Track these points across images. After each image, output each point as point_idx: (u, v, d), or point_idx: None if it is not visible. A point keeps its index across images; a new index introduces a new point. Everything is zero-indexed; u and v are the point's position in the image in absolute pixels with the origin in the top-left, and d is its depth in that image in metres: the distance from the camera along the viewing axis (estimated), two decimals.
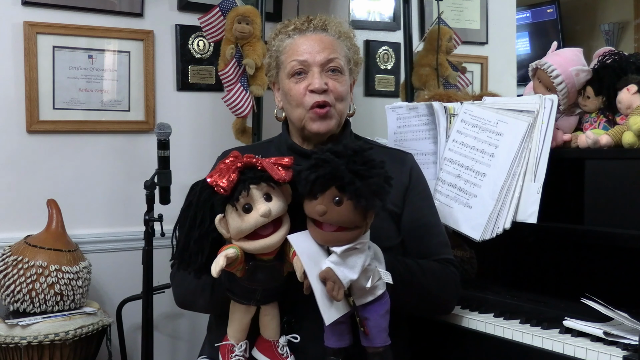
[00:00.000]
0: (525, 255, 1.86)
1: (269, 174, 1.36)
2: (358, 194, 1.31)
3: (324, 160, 1.34)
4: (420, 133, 2.06)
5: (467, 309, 1.79)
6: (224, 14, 2.49)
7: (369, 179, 1.33)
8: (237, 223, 1.34)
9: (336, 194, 1.33)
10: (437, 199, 1.92)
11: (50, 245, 2.26)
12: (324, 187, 1.33)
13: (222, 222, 1.35)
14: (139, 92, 2.66)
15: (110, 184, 2.62)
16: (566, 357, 1.48)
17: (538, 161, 1.75)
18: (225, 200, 1.34)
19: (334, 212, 1.33)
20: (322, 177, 1.33)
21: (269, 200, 1.36)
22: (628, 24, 4.82)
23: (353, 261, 1.36)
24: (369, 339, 1.41)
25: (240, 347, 1.47)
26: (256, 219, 1.33)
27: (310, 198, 1.36)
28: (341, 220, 1.34)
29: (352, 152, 1.35)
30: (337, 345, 1.42)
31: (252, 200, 1.34)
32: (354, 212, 1.33)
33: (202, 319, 1.94)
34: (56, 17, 2.51)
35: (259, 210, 1.33)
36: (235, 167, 1.35)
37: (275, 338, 1.49)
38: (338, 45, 1.69)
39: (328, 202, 1.33)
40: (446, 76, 2.87)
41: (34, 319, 2.16)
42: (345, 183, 1.31)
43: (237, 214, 1.33)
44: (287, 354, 1.48)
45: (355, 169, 1.33)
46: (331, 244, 1.37)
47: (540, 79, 1.89)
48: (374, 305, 1.40)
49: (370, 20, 3.27)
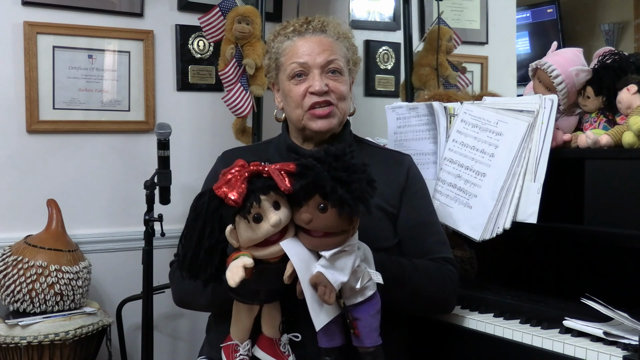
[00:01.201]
0: (525, 255, 1.86)
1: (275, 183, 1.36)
2: (341, 202, 1.31)
3: (307, 168, 1.35)
4: (420, 133, 2.06)
5: (467, 309, 1.79)
6: (224, 14, 2.49)
7: (351, 184, 1.33)
8: (249, 234, 1.35)
9: (320, 202, 1.33)
10: (437, 199, 1.92)
11: (50, 245, 2.26)
12: (308, 195, 1.34)
13: (232, 234, 1.35)
14: (139, 92, 2.66)
15: (110, 184, 2.62)
16: (566, 357, 1.48)
17: (538, 161, 1.75)
18: (236, 212, 1.34)
19: (320, 219, 1.34)
20: (306, 186, 1.34)
21: (277, 208, 1.36)
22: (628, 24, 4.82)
23: (342, 263, 1.37)
24: (360, 340, 1.42)
25: (244, 347, 1.48)
26: (267, 229, 1.34)
27: (297, 206, 1.37)
28: (327, 226, 1.35)
29: (332, 158, 1.35)
30: (329, 345, 1.43)
31: (262, 211, 1.34)
32: (339, 218, 1.34)
33: (202, 319, 1.94)
34: (56, 17, 2.51)
35: (270, 220, 1.34)
36: (244, 178, 1.34)
37: (277, 336, 1.49)
38: (337, 46, 1.70)
39: (313, 209, 1.34)
40: (446, 76, 2.87)
41: (34, 319, 2.16)
42: (328, 192, 1.32)
43: (248, 224, 1.34)
44: (289, 352, 1.49)
45: (337, 175, 1.33)
46: (319, 249, 1.38)
47: (540, 79, 1.89)
48: (365, 305, 1.41)
49: (370, 20, 3.27)
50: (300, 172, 1.36)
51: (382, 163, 1.72)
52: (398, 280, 1.54)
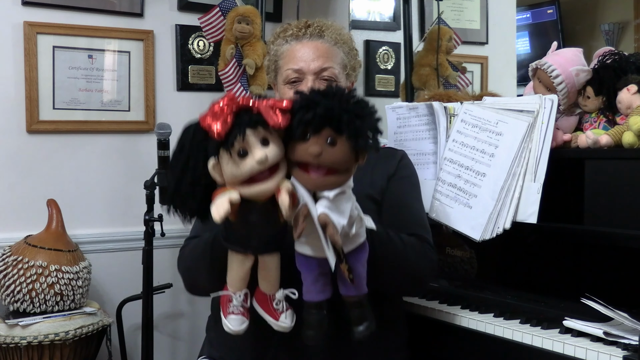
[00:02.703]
0: (525, 255, 1.86)
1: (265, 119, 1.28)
2: (357, 133, 1.26)
3: (314, 101, 1.29)
4: (420, 133, 2.06)
5: (467, 309, 1.79)
6: (224, 14, 2.50)
7: (365, 117, 1.28)
8: (232, 169, 1.27)
9: (330, 134, 1.27)
10: (437, 199, 1.92)
11: (50, 245, 2.26)
12: (319, 127, 1.27)
13: (215, 168, 1.28)
14: (139, 92, 2.66)
15: (110, 184, 2.62)
16: (566, 357, 1.48)
17: (538, 161, 1.75)
18: (219, 145, 1.26)
19: (329, 153, 1.27)
20: (318, 117, 1.26)
21: (265, 145, 1.27)
22: (628, 24, 4.82)
23: (343, 206, 1.30)
24: (350, 288, 1.35)
25: (238, 297, 1.40)
26: (252, 166, 1.26)
27: (300, 141, 1.29)
28: (335, 161, 1.28)
29: (341, 92, 1.31)
30: (319, 298, 1.36)
31: (248, 146, 1.26)
32: (348, 153, 1.28)
33: (202, 319, 1.94)
34: (56, 17, 2.51)
35: (255, 156, 1.25)
36: (231, 111, 1.26)
37: (272, 292, 1.41)
38: (333, 53, 1.72)
39: (322, 143, 1.27)
40: (446, 76, 2.87)
41: (34, 319, 2.16)
42: (344, 122, 1.26)
43: (232, 159, 1.26)
44: (283, 309, 1.41)
45: (349, 108, 1.28)
46: (321, 189, 1.29)
47: (540, 79, 1.89)
48: (356, 253, 1.35)
49: (370, 20, 3.27)
50: (307, 105, 1.29)
51: (376, 159, 1.72)
52: (383, 240, 1.49)
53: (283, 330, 1.40)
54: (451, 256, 2.00)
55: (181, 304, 2.72)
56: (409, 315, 1.82)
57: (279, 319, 1.40)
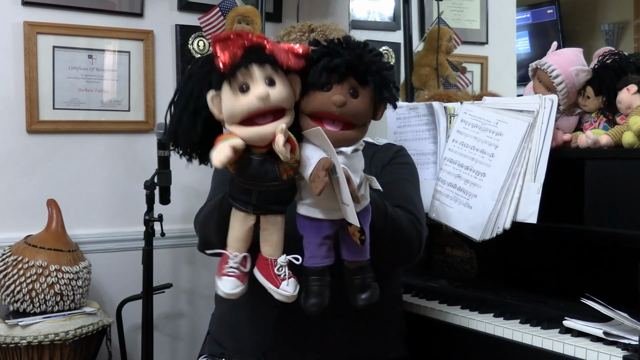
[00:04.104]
0: (525, 255, 1.86)
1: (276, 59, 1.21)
2: (382, 84, 1.23)
3: (336, 51, 1.24)
4: (420, 133, 2.06)
5: (467, 309, 1.79)
6: (224, 14, 2.49)
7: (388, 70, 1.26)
8: (230, 103, 1.21)
9: (354, 85, 1.23)
10: (437, 199, 1.92)
11: (50, 245, 2.26)
12: (343, 76, 1.23)
13: (214, 100, 1.23)
14: (139, 92, 2.66)
15: (110, 184, 2.62)
16: (566, 357, 1.48)
17: (538, 161, 1.75)
18: (223, 77, 1.21)
19: (352, 104, 1.23)
20: (344, 65, 1.22)
21: (271, 85, 1.21)
22: (628, 24, 4.82)
23: (357, 164, 1.27)
24: (356, 253, 1.32)
25: (234, 259, 1.31)
26: (250, 101, 1.19)
27: (321, 89, 1.24)
28: (357, 113, 1.24)
29: (364, 44, 1.27)
30: (322, 263, 1.31)
31: (251, 80, 1.19)
32: (370, 105, 1.25)
33: (202, 319, 1.94)
34: (56, 17, 2.50)
35: (255, 91, 1.19)
36: (242, 45, 1.20)
37: (274, 257, 1.33)
38: None
39: (345, 93, 1.23)
40: (446, 76, 2.86)
41: (34, 319, 2.16)
42: (371, 72, 1.22)
43: (233, 92, 1.20)
44: (285, 276, 1.31)
45: (373, 59, 1.24)
46: (340, 144, 1.24)
47: (540, 79, 1.89)
48: (362, 216, 1.29)
49: (370, 20, 3.27)
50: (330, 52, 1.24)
51: (375, 154, 1.74)
52: (380, 208, 1.45)
53: (284, 300, 1.31)
54: (451, 256, 2.00)
55: (181, 304, 2.72)
56: (409, 314, 1.83)
57: (279, 286, 1.31)
